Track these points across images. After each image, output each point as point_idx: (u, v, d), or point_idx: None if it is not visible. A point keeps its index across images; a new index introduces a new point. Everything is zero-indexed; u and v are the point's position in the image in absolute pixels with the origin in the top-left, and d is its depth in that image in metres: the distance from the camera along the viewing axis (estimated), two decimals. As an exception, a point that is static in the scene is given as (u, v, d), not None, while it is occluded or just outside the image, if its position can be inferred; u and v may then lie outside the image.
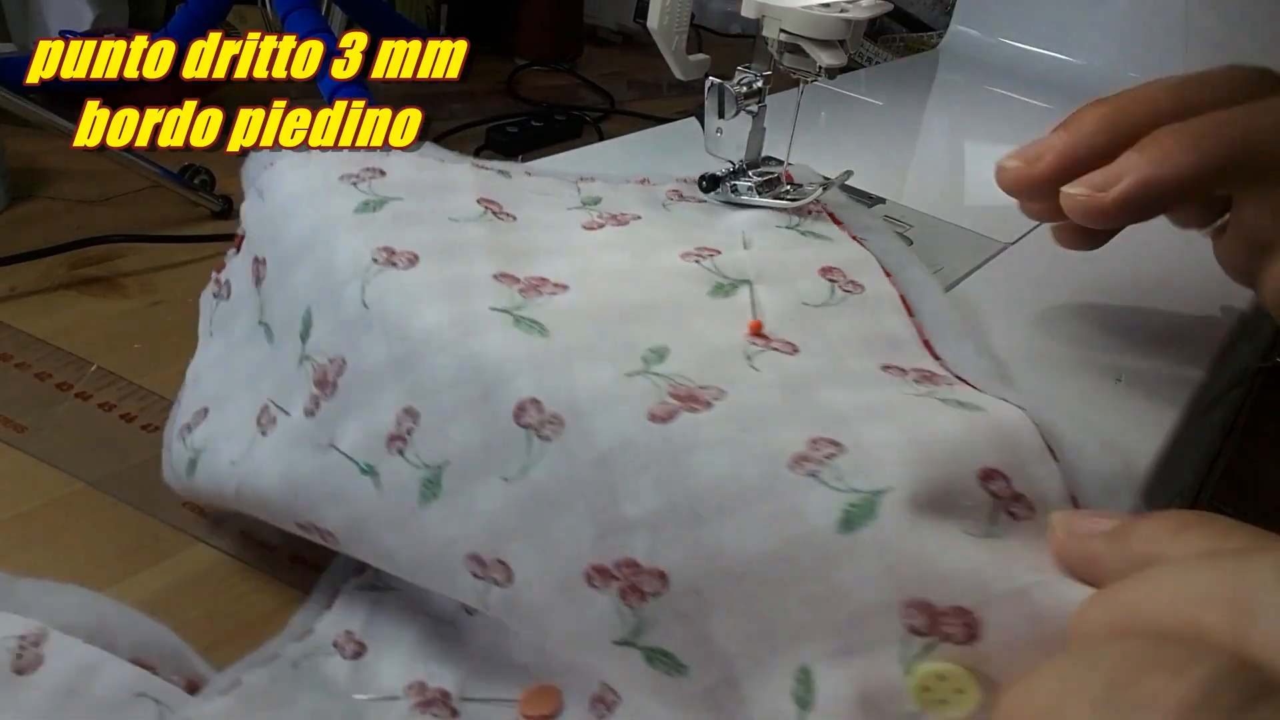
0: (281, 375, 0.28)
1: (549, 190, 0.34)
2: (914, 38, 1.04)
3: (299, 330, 0.28)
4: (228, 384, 0.31)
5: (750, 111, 0.34)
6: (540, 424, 0.24)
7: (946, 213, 0.40)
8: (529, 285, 0.27)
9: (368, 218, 0.29)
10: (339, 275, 0.27)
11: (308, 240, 0.29)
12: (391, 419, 0.25)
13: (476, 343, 0.25)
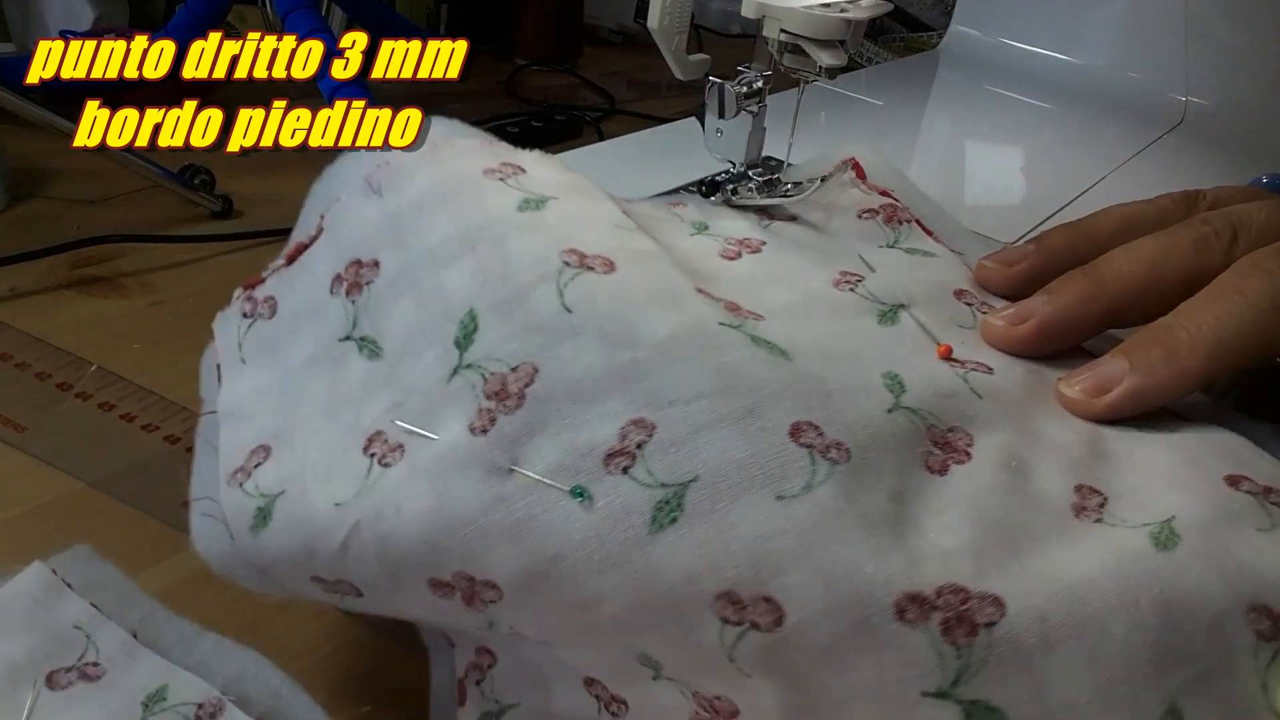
0: (405, 394, 0.24)
1: (654, 214, 0.32)
2: (914, 38, 1.04)
3: (452, 337, 0.24)
4: (294, 414, 0.26)
5: (750, 111, 0.34)
6: (824, 447, 0.21)
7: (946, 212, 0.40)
8: (730, 306, 0.25)
9: (534, 216, 0.26)
10: (521, 277, 0.24)
11: (466, 237, 0.25)
12: (613, 432, 0.22)
13: (727, 355, 0.23)
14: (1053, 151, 0.54)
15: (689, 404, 0.22)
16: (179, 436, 0.40)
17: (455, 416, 0.23)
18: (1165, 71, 0.63)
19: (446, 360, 0.24)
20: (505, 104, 0.88)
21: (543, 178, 0.28)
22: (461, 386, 0.23)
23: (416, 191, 0.27)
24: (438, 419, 0.23)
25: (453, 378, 0.23)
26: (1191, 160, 0.55)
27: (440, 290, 0.25)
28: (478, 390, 0.23)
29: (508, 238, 0.25)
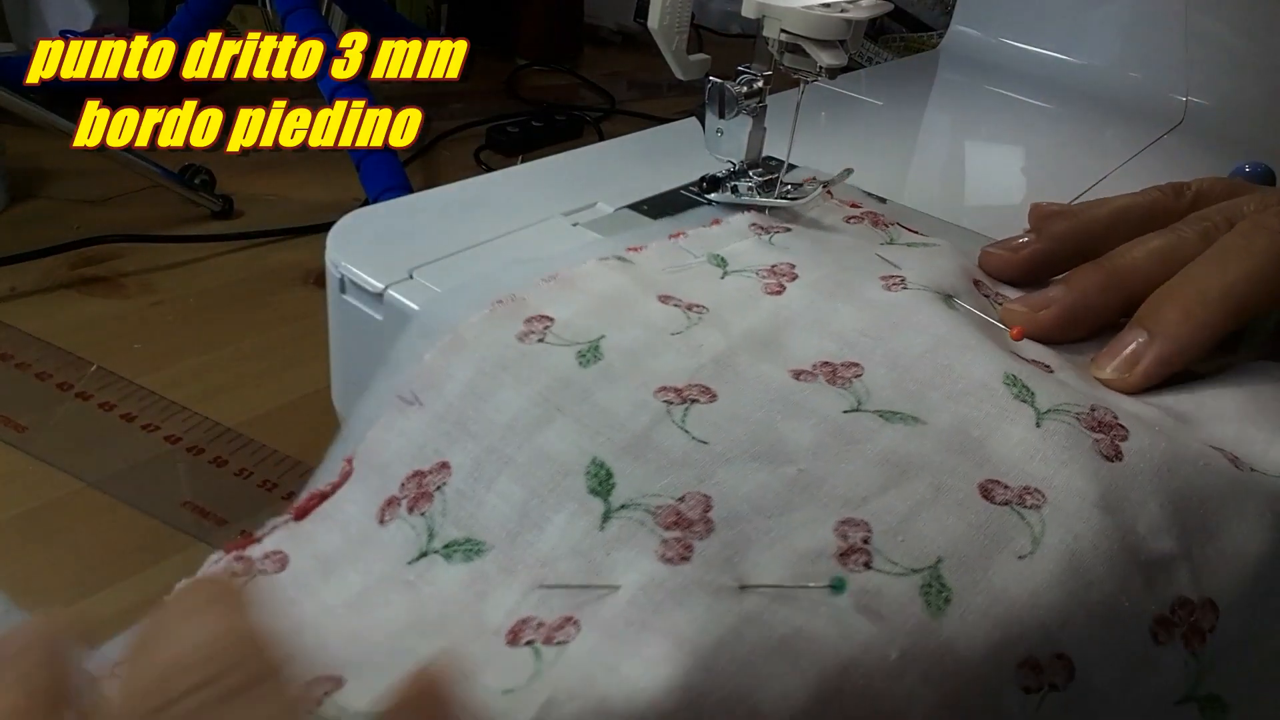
0: (542, 566, 0.21)
1: (676, 264, 0.31)
2: (914, 38, 1.04)
3: (584, 489, 0.22)
4: (360, 647, 0.22)
5: (750, 112, 0.34)
6: (1019, 498, 0.22)
7: (946, 212, 0.40)
8: (833, 375, 0.26)
9: (602, 369, 0.25)
10: (633, 423, 0.23)
11: (545, 401, 0.24)
12: (829, 536, 0.21)
13: (878, 444, 0.23)
14: (1053, 151, 0.54)
15: (880, 497, 0.22)
16: (179, 436, 0.40)
17: (634, 556, 0.20)
18: (1165, 71, 0.63)
19: (588, 512, 0.22)
20: (505, 104, 0.88)
21: (573, 315, 0.27)
22: (626, 527, 0.21)
23: (462, 381, 0.25)
24: (606, 568, 0.20)
25: (606, 523, 0.21)
26: (1191, 160, 0.55)
27: (543, 455, 0.23)
28: (649, 525, 0.21)
29: (592, 393, 0.24)
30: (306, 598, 0.23)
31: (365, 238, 0.33)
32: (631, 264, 0.30)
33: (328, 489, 0.26)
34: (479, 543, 0.23)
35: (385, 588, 0.23)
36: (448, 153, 0.76)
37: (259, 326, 0.50)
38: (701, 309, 0.28)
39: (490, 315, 0.27)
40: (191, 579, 0.20)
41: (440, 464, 0.24)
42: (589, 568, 0.20)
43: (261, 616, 0.15)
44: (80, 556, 0.34)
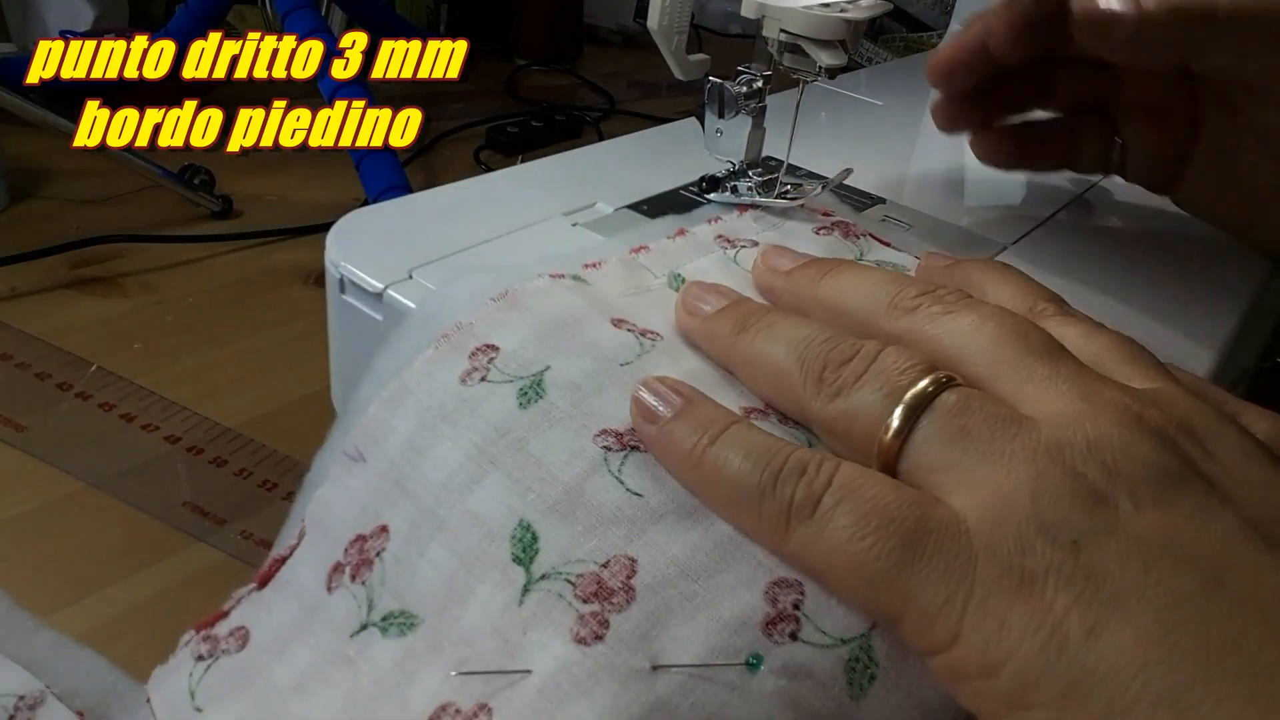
0: (465, 644, 0.21)
1: (634, 285, 0.30)
2: (914, 38, 1.04)
3: (508, 557, 0.21)
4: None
5: (750, 112, 0.34)
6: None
7: (946, 213, 0.40)
8: (784, 416, 0.24)
9: (542, 408, 0.23)
10: (565, 474, 0.22)
11: (479, 455, 0.23)
12: (757, 602, 0.20)
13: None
14: (1053, 151, 0.54)
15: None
16: (179, 436, 0.40)
17: (548, 637, 0.19)
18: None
19: (509, 583, 0.20)
20: (505, 104, 0.89)
21: (519, 343, 0.25)
22: (543, 601, 0.20)
23: (403, 435, 0.24)
24: (522, 650, 0.19)
25: (525, 597, 0.20)
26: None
27: (473, 518, 0.22)
28: (568, 598, 0.20)
29: (528, 441, 0.23)
30: (260, 679, 0.23)
31: (365, 238, 0.33)
32: (586, 284, 0.29)
33: (286, 552, 0.25)
34: (412, 615, 0.22)
35: (329, 665, 0.22)
36: (448, 153, 0.76)
37: (259, 326, 0.50)
38: (656, 336, 0.27)
39: (435, 355, 0.25)
40: None
41: (380, 527, 0.23)
42: (506, 650, 0.20)
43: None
44: (80, 556, 0.34)
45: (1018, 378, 0.21)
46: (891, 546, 0.18)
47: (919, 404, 0.20)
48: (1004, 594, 0.17)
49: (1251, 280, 0.39)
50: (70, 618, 0.32)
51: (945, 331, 0.23)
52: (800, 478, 0.20)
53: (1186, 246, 0.41)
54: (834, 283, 0.26)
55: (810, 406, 0.22)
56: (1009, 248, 0.39)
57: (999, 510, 0.18)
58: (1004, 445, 0.19)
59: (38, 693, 0.27)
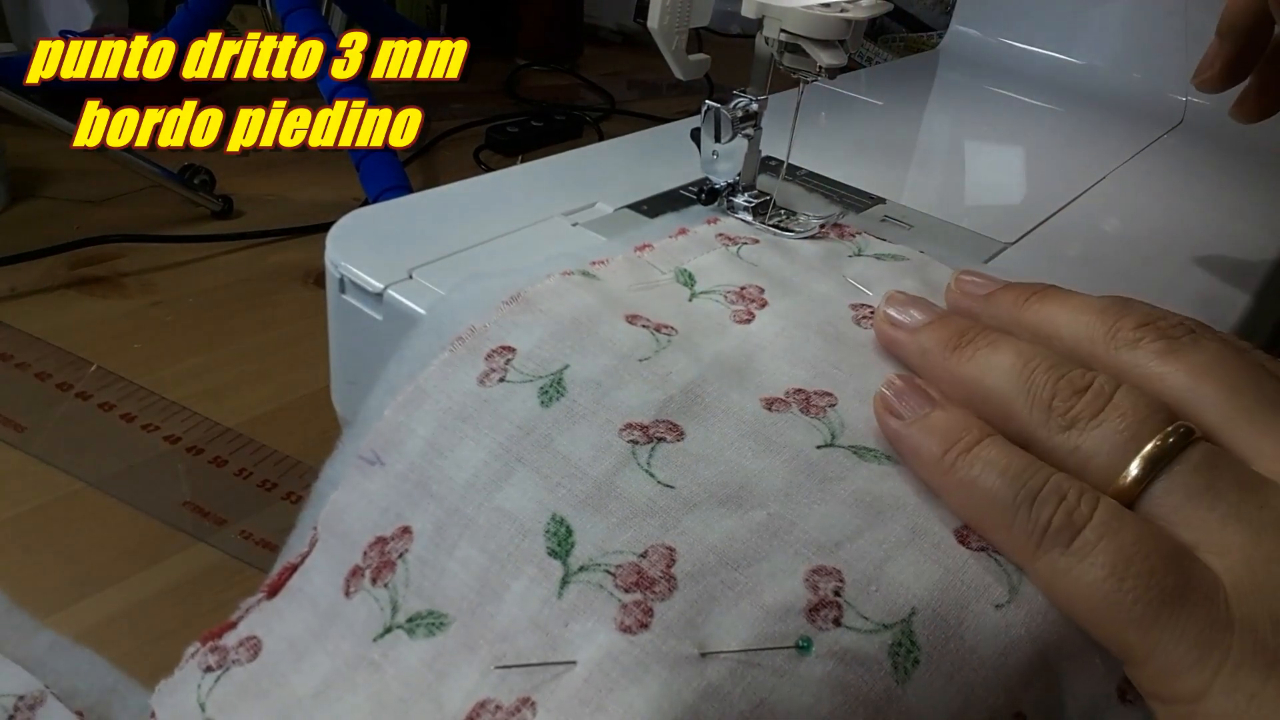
0: (502, 641, 0.20)
1: (642, 279, 0.30)
2: (914, 38, 1.04)
3: (543, 551, 0.21)
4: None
5: (746, 135, 0.34)
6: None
7: (947, 213, 0.40)
8: (806, 404, 0.25)
9: (565, 406, 0.23)
10: (594, 469, 0.22)
11: (505, 453, 0.23)
12: (799, 588, 0.20)
13: (852, 483, 0.22)
14: (1053, 151, 0.54)
15: (855, 541, 0.21)
16: (179, 436, 0.40)
17: (591, 627, 0.19)
18: (1165, 71, 0.63)
19: (547, 577, 0.20)
20: (505, 104, 0.89)
21: (535, 344, 0.25)
22: (584, 593, 0.20)
23: (423, 437, 0.24)
24: (564, 642, 0.19)
25: (564, 590, 0.20)
26: (1191, 160, 0.55)
27: (503, 514, 0.22)
28: (609, 588, 0.20)
29: (553, 439, 0.23)
30: (277, 688, 0.23)
31: (365, 238, 0.33)
32: (597, 280, 0.29)
33: (298, 560, 0.25)
34: (441, 615, 0.22)
35: (351, 670, 0.22)
36: (448, 153, 0.76)
37: (259, 326, 0.50)
38: (671, 330, 0.27)
39: (450, 358, 0.25)
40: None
41: (402, 529, 0.23)
42: (547, 642, 0.20)
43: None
44: (80, 556, 0.34)
45: (1254, 431, 0.21)
46: (1153, 596, 0.18)
47: (1161, 456, 0.20)
48: (1258, 669, 0.17)
49: (1251, 280, 0.39)
50: (70, 618, 0.32)
51: (1172, 372, 0.22)
52: (1060, 503, 0.20)
53: (1187, 247, 0.41)
54: (1041, 307, 0.25)
55: (1038, 434, 0.22)
56: (1009, 247, 0.38)
57: (1254, 581, 0.18)
58: (1251, 512, 0.19)
59: (37, 693, 0.27)
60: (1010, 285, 0.27)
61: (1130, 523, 0.19)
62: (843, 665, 0.19)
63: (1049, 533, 0.20)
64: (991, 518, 0.21)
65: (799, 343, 0.27)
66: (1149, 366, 0.22)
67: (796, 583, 0.20)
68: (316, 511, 0.25)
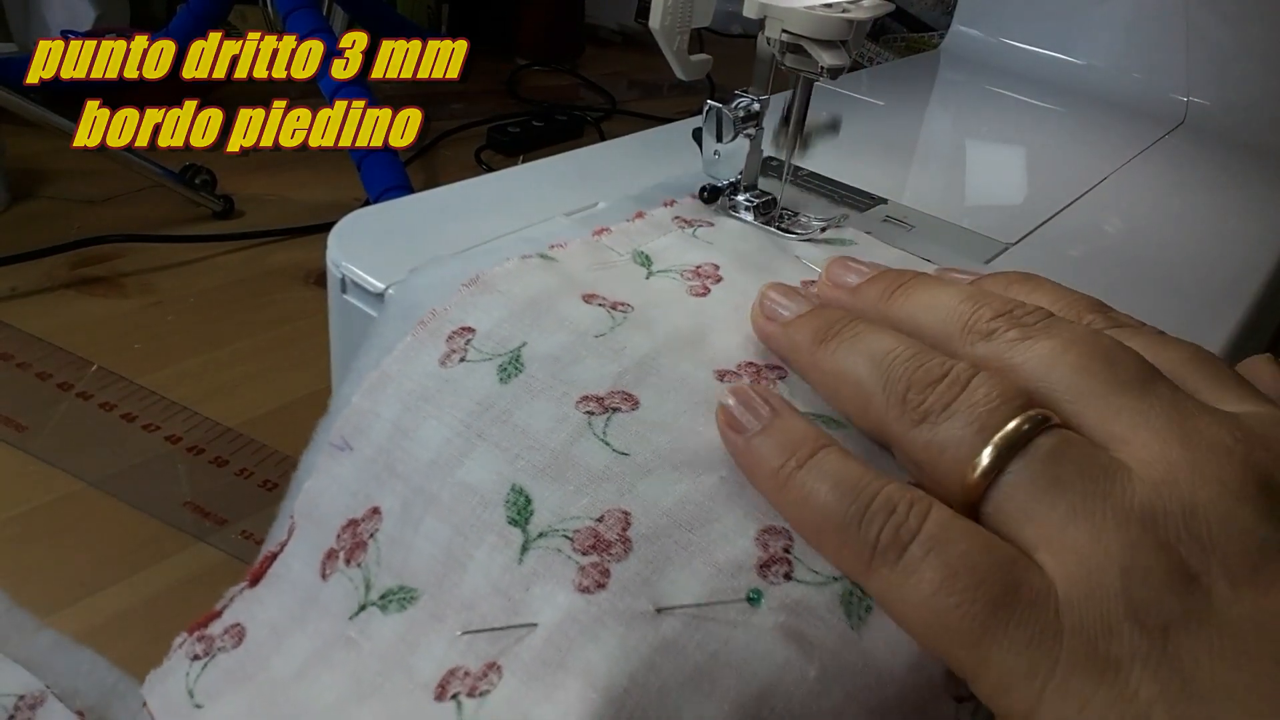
0: (467, 609, 0.21)
1: (600, 260, 0.31)
2: (915, 38, 1.04)
3: (504, 520, 0.22)
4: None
5: (748, 135, 0.34)
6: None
7: (948, 213, 0.40)
8: (757, 375, 0.25)
9: (523, 382, 0.24)
10: (551, 440, 0.23)
11: (466, 430, 0.23)
12: (749, 547, 0.20)
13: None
14: (1053, 151, 0.54)
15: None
16: (179, 436, 0.40)
17: (551, 590, 0.20)
18: (1166, 71, 0.63)
19: (507, 544, 0.21)
20: (505, 104, 0.88)
21: (494, 323, 0.26)
22: (543, 557, 0.20)
23: (389, 420, 0.25)
24: (525, 605, 0.20)
25: (524, 555, 0.21)
26: (1193, 161, 0.55)
27: (465, 488, 0.22)
28: (567, 552, 0.20)
29: (512, 413, 0.23)
30: (260, 672, 0.23)
31: (366, 238, 0.33)
32: (555, 261, 0.29)
33: (277, 548, 0.26)
34: (411, 589, 0.22)
35: (330, 650, 0.23)
36: (448, 153, 0.76)
37: (259, 326, 0.50)
38: (627, 307, 0.27)
39: (412, 341, 0.26)
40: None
41: (372, 510, 0.24)
42: (509, 607, 0.20)
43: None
44: (80, 556, 0.34)
45: (1107, 412, 0.20)
46: (978, 609, 0.18)
47: (1011, 444, 0.19)
48: (1088, 675, 0.17)
49: (1252, 280, 0.39)
50: (70, 618, 0.32)
51: (1025, 360, 0.21)
52: (888, 518, 0.19)
53: (1187, 247, 0.41)
54: (905, 300, 0.25)
55: (894, 429, 0.21)
56: (1010, 248, 0.38)
57: (1088, 584, 0.17)
58: (1096, 505, 0.18)
59: (38, 692, 0.27)
60: (879, 275, 0.26)
61: (960, 534, 0.19)
62: (795, 616, 0.19)
63: (878, 550, 0.19)
64: (826, 534, 0.20)
65: (746, 313, 0.28)
66: (1002, 356, 0.22)
67: (747, 542, 0.20)
68: (295, 500, 0.26)
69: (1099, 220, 0.43)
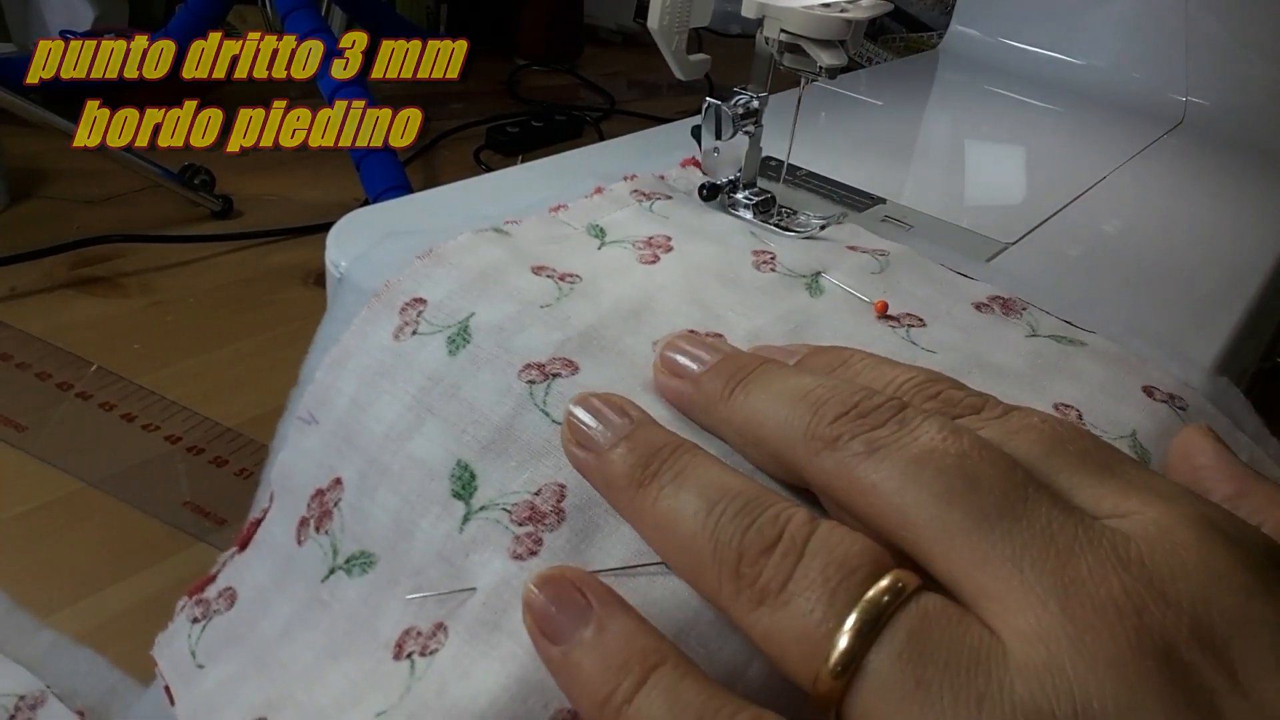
0: (416, 574, 0.22)
1: (553, 235, 0.31)
2: (914, 38, 1.04)
3: (448, 493, 0.23)
4: (285, 678, 0.24)
5: (747, 132, 0.34)
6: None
7: (947, 212, 0.40)
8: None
9: (470, 353, 0.25)
10: (495, 413, 0.23)
11: (417, 404, 0.24)
12: None
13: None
14: (1053, 151, 0.54)
15: (730, 459, 0.21)
16: (179, 436, 0.40)
17: (488, 557, 0.21)
18: (1165, 71, 0.63)
19: (450, 515, 0.22)
20: (505, 104, 0.89)
21: (445, 295, 0.27)
22: (482, 527, 0.22)
23: (348, 394, 0.26)
24: (466, 571, 0.21)
25: (465, 525, 0.22)
26: (1191, 160, 0.55)
27: (413, 461, 0.23)
28: (504, 523, 0.21)
29: (460, 387, 0.24)
30: (250, 632, 0.25)
31: (365, 238, 0.33)
32: (508, 235, 0.30)
33: (261, 515, 0.27)
34: (370, 554, 0.24)
35: (306, 611, 0.24)
36: (447, 153, 0.76)
37: (259, 326, 0.50)
38: (575, 278, 0.28)
39: (368, 314, 0.27)
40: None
41: (335, 480, 0.25)
42: (452, 573, 0.21)
43: None
44: (80, 556, 0.34)
45: (974, 558, 0.16)
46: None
47: (862, 633, 0.16)
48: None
49: (1252, 280, 0.39)
50: (70, 618, 0.32)
51: (877, 480, 0.18)
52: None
53: (1187, 247, 0.41)
54: (745, 399, 0.21)
55: (732, 613, 0.18)
56: (1009, 247, 0.39)
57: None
58: (967, 711, 0.15)
59: (38, 693, 0.27)
60: (719, 365, 0.22)
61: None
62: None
63: (746, 586, 0.17)
64: (691, 557, 0.18)
65: (698, 286, 0.29)
66: (855, 474, 0.18)
67: None
68: (265, 484, 0.28)
69: (1098, 220, 0.43)
